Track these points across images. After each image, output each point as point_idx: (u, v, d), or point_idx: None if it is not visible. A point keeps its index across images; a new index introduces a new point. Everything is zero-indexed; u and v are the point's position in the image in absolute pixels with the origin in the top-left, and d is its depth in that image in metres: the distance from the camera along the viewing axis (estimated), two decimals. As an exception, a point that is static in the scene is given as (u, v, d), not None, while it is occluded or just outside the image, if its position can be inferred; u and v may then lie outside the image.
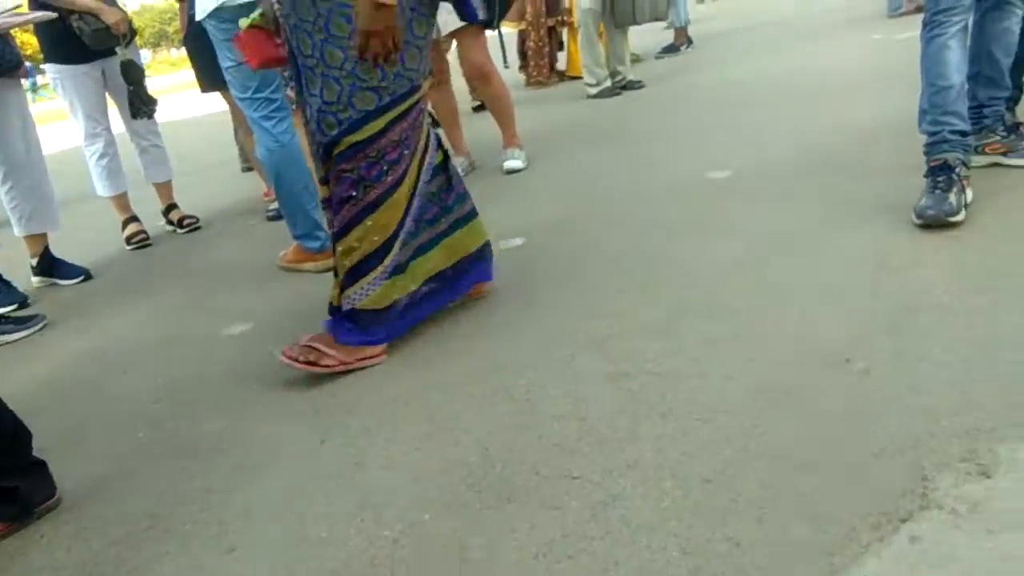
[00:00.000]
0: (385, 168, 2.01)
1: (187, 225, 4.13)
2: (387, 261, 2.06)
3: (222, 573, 1.39)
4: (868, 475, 1.27)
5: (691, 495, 1.32)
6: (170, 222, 4.20)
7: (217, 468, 1.74)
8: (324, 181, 2.09)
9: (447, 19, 3.54)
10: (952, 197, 2.12)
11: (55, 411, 2.22)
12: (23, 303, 3.27)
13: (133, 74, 3.69)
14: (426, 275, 2.16)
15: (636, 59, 6.42)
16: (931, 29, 2.21)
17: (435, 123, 3.88)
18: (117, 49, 3.67)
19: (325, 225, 2.28)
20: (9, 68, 3.21)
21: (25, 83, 3.56)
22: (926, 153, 2.25)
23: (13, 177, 3.37)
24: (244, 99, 2.74)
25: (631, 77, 5.53)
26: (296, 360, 2.02)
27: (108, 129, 3.91)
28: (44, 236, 3.55)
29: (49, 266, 3.58)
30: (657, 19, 5.52)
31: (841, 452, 1.34)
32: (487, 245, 2.30)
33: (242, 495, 1.61)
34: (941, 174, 2.17)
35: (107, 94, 3.88)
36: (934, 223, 2.11)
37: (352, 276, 2.06)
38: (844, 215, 2.37)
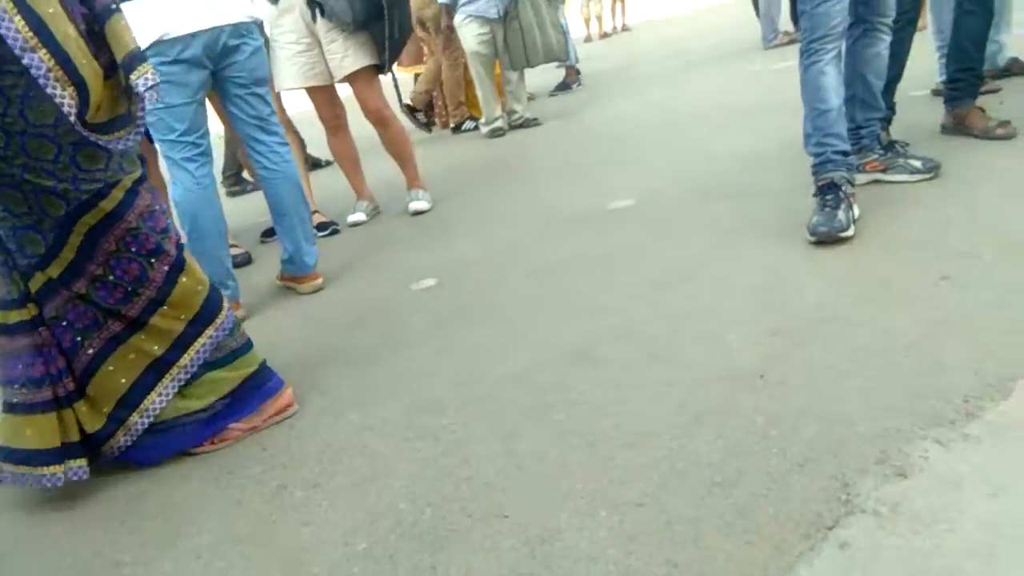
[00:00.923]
0: (128, 289, 1.81)
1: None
2: (181, 366, 1.87)
3: (139, 654, 1.29)
4: (793, 485, 1.31)
5: (626, 521, 1.32)
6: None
7: (127, 539, 1.63)
8: (21, 304, 1.79)
9: (339, 64, 3.54)
10: (841, 214, 2.24)
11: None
12: None
13: None
14: (217, 394, 1.94)
15: (531, 97, 6.54)
16: (808, 57, 2.35)
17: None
18: None
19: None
20: None
21: None
22: (814, 173, 2.37)
23: None
24: (167, 141, 2.65)
25: (528, 115, 5.64)
26: None
27: None
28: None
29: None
30: (551, 60, 5.65)
31: (765, 464, 1.38)
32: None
33: (157, 566, 1.51)
34: (829, 192, 2.29)
35: None
36: (827, 239, 2.22)
37: (135, 397, 1.85)
38: (742, 237, 2.47)
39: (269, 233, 3.97)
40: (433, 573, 1.31)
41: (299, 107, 4.67)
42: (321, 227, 3.77)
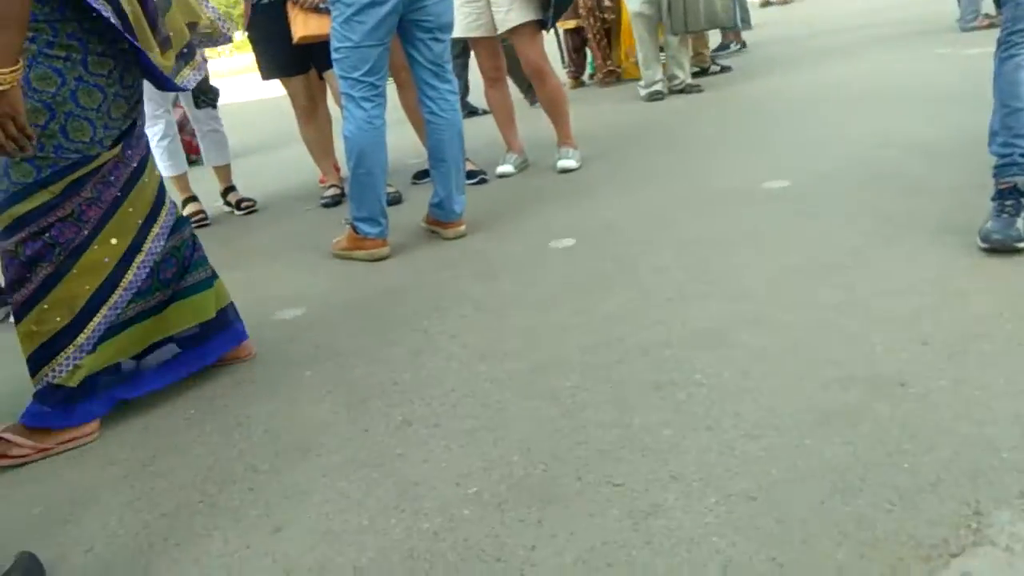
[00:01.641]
0: (56, 249, 1.87)
1: (244, 208, 4.21)
2: (81, 339, 1.92)
3: (268, 551, 1.42)
4: (920, 504, 1.25)
5: (735, 512, 1.30)
6: (228, 204, 4.28)
7: (264, 449, 1.78)
8: None
9: (504, 17, 3.57)
10: (1020, 222, 2.06)
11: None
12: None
13: None
14: (139, 346, 2.05)
15: (706, 65, 6.20)
16: (1006, 49, 2.15)
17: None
18: None
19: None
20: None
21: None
22: (995, 175, 2.19)
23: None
24: (349, 79, 2.79)
25: (689, 81, 5.47)
26: None
27: (168, 111, 4.01)
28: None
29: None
30: (713, 27, 5.43)
31: (893, 479, 1.32)
32: (229, 308, 2.23)
33: (287, 477, 1.64)
34: (1010, 198, 2.10)
35: None
36: (1000, 248, 2.05)
37: (37, 361, 1.92)
38: (904, 233, 2.32)
39: (420, 175, 4.10)
40: (539, 527, 1.36)
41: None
42: (470, 175, 3.85)
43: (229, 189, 4.30)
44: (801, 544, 1.21)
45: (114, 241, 1.96)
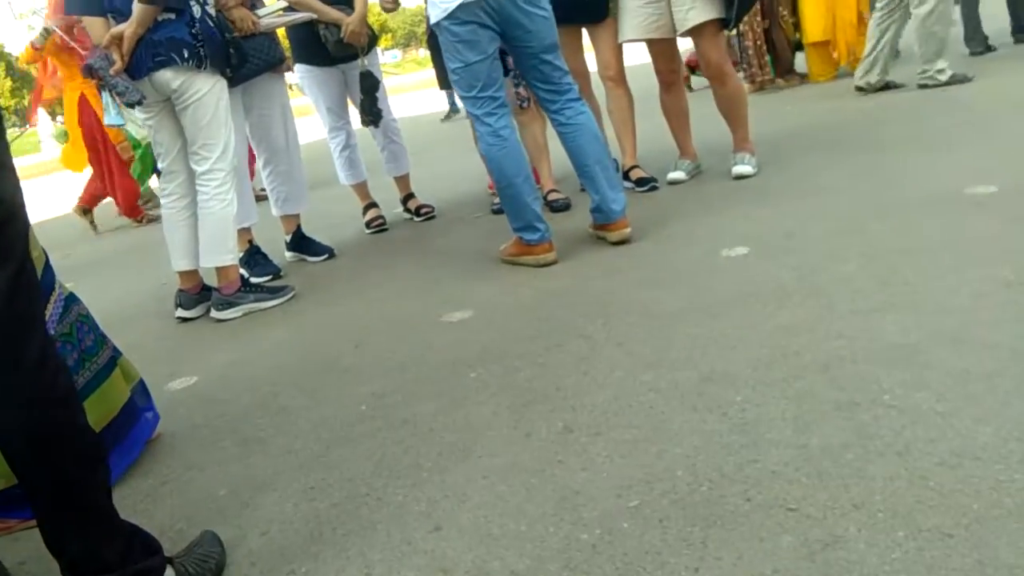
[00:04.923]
0: None
1: (424, 214, 4.35)
2: None
3: (427, 550, 1.44)
4: None
5: (927, 550, 1.17)
6: (407, 210, 4.45)
7: (429, 447, 1.81)
8: None
9: (684, 16, 3.47)
10: None
11: (296, 374, 2.44)
12: (276, 275, 3.64)
13: (367, 84, 3.91)
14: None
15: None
16: None
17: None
18: (360, 60, 3.93)
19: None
20: (275, 63, 3.54)
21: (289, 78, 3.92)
22: None
23: (273, 162, 3.75)
24: (468, 98, 2.90)
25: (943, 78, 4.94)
26: None
27: (348, 122, 4.23)
28: (297, 216, 3.92)
29: (300, 243, 3.95)
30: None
31: None
32: (138, 390, 2.03)
33: (450, 477, 1.67)
34: None
35: (348, 96, 4.18)
36: None
37: None
38: None
39: (590, 182, 4.07)
40: (703, 548, 1.28)
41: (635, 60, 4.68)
42: (640, 182, 3.79)
43: (408, 196, 4.48)
44: (1008, 593, 1.07)
45: None
